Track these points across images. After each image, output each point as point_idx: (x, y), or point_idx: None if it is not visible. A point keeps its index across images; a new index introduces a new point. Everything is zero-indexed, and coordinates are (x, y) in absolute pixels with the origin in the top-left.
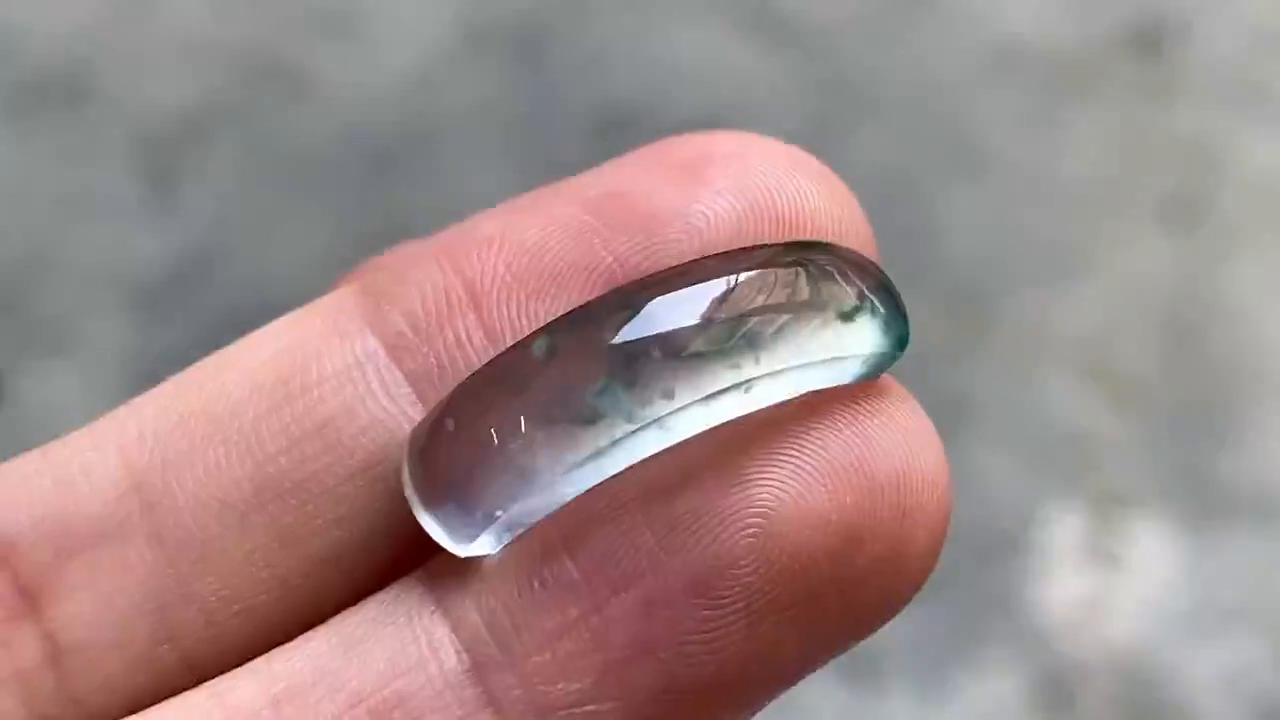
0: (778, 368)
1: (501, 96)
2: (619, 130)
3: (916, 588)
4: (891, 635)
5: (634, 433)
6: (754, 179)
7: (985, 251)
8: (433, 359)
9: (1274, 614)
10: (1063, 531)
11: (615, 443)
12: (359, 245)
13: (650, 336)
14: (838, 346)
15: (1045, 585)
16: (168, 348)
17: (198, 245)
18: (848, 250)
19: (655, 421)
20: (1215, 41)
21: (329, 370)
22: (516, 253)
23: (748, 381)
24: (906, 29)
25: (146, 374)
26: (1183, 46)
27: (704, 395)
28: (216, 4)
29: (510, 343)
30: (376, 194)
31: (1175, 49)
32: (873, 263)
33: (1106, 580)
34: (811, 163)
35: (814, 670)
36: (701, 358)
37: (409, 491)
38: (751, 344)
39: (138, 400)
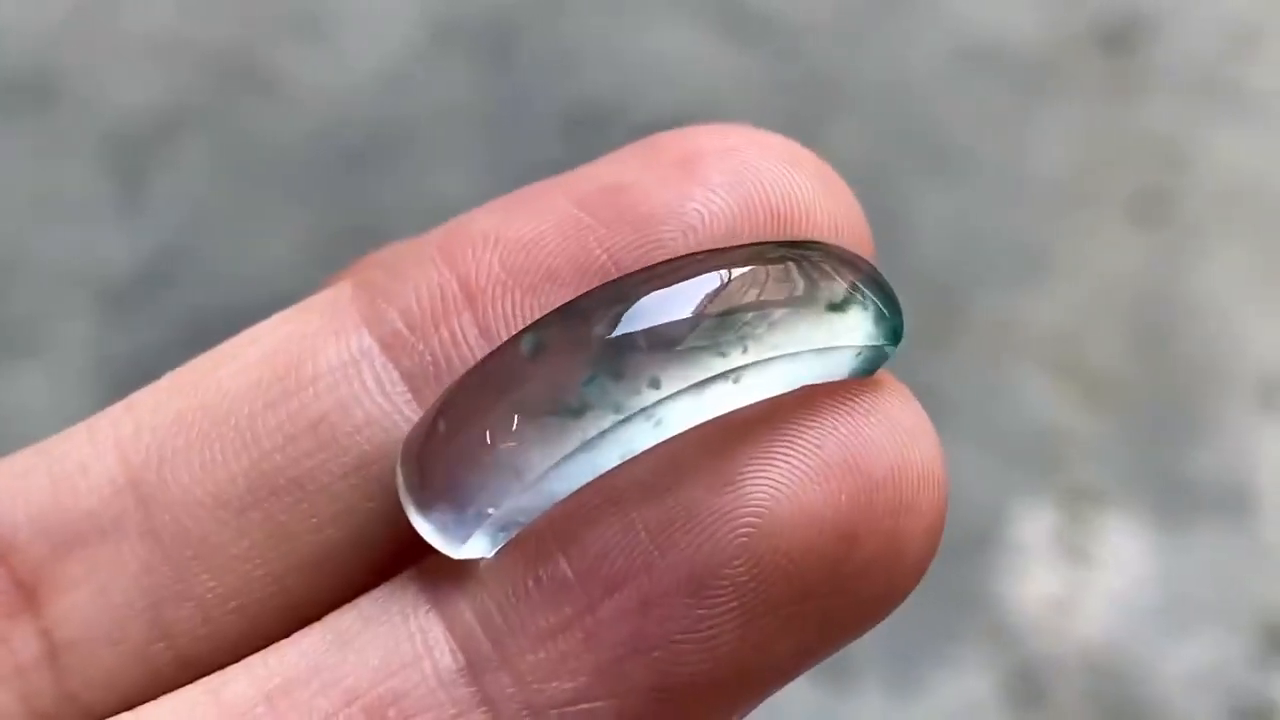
0: (766, 355)
1: (472, 95)
2: (590, 129)
3: (912, 585)
4: None
5: (622, 423)
6: (749, 174)
7: (955, 248)
8: (428, 357)
9: (1245, 609)
10: (1034, 528)
11: (603, 434)
12: (329, 245)
13: (638, 330)
14: (828, 336)
15: (1016, 581)
16: (137, 349)
17: (167, 246)
18: (838, 246)
19: (643, 412)
20: (1184, 39)
21: (324, 367)
22: (511, 250)
23: (736, 370)
24: (877, 27)
25: (116, 375)
26: (1152, 44)
27: (692, 384)
28: (185, 4)
29: (505, 339)
30: (347, 193)
31: (1145, 46)
32: (864, 258)
33: (1078, 576)
34: (807, 156)
35: (810, 668)
36: (688, 347)
37: (402, 494)
38: (739, 334)
39: (134, 396)
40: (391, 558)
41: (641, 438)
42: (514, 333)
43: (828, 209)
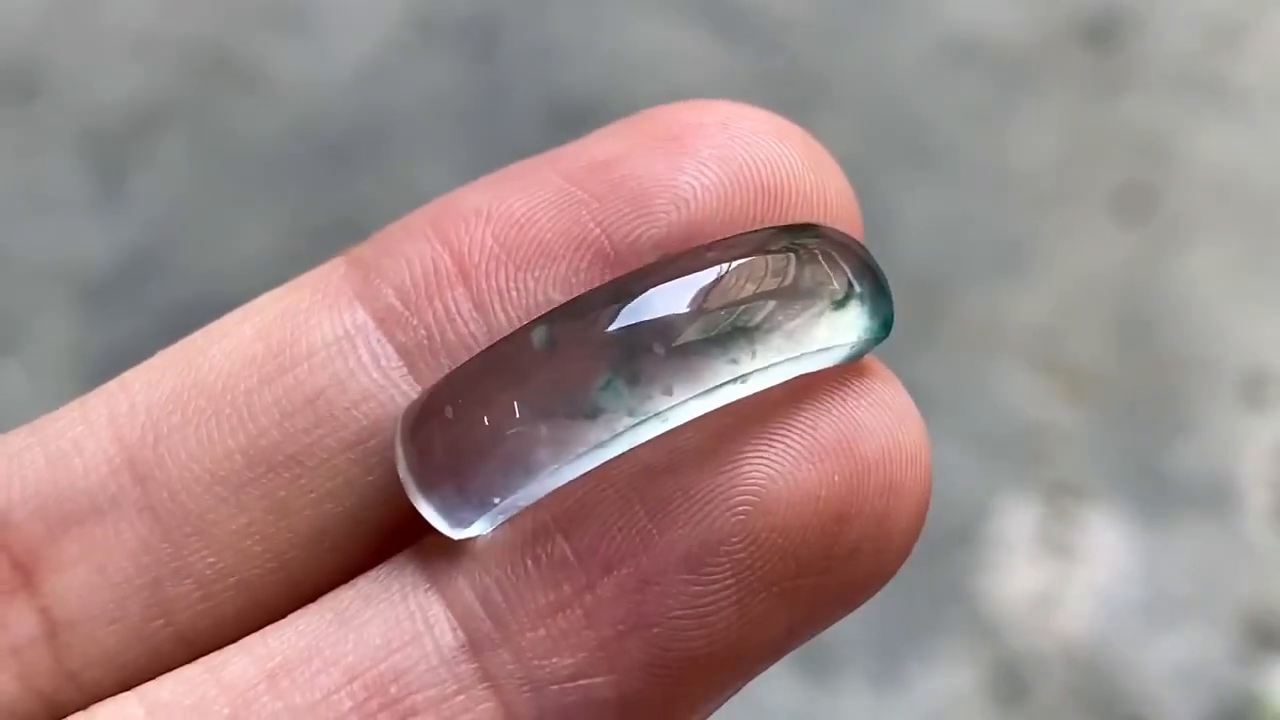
0: (774, 360)
1: (454, 89)
2: (573, 122)
3: (900, 562)
4: (846, 628)
5: (634, 426)
6: (738, 149)
7: (938, 244)
8: (423, 331)
9: (1226, 604)
10: (1016, 523)
11: (616, 435)
12: (311, 239)
13: (651, 330)
14: (830, 335)
15: (999, 577)
16: (116, 344)
17: (147, 240)
18: (834, 231)
19: (656, 415)
20: (1168, 33)
21: (319, 343)
22: (504, 225)
23: (744, 375)
24: (860, 22)
25: (95, 370)
26: (1135, 38)
27: (703, 390)
28: None
29: (499, 313)
30: (328, 188)
31: (1128, 41)
32: (858, 242)
33: (1060, 571)
34: (795, 131)
35: (804, 643)
36: (700, 353)
37: (403, 474)
38: (748, 336)
39: (127, 375)
40: (390, 532)
41: (649, 433)
42: (509, 307)
43: (816, 182)
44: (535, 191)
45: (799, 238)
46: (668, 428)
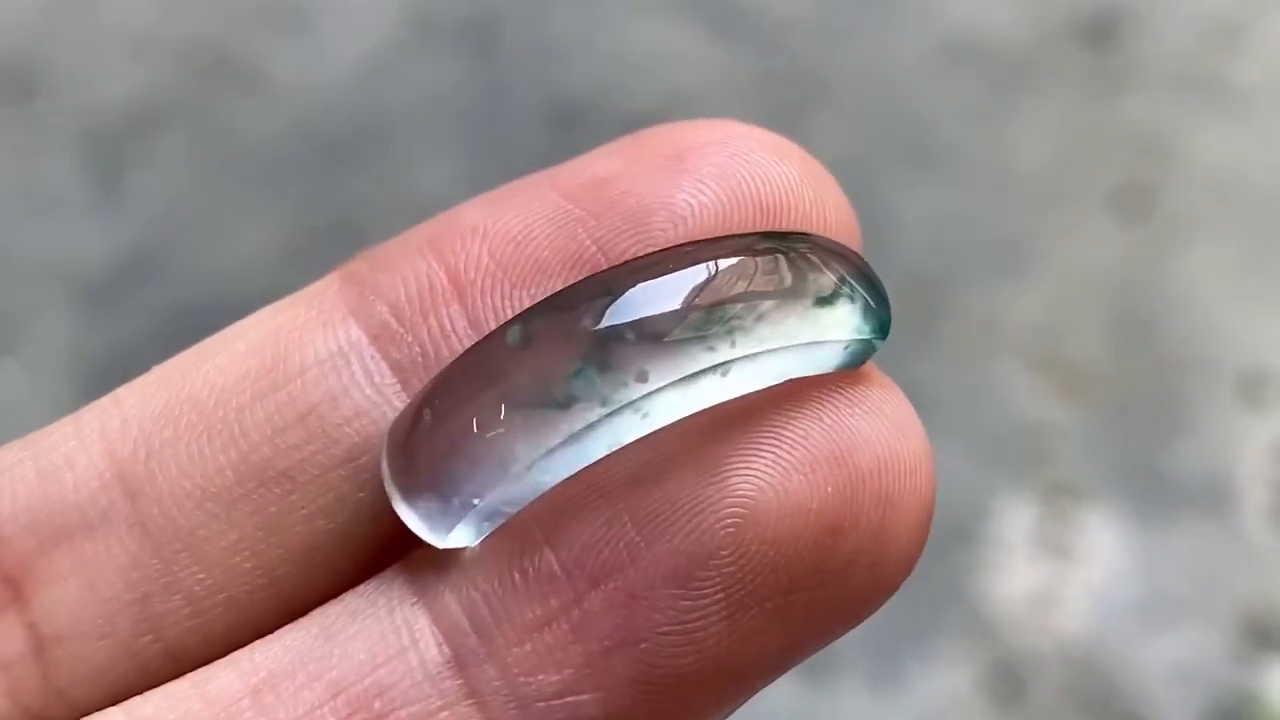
0: (754, 350)
1: (453, 89)
2: (571, 122)
3: (901, 577)
4: None
5: (609, 416)
6: (737, 166)
7: (936, 243)
8: (417, 348)
9: (1224, 603)
10: (1014, 523)
11: (590, 426)
12: (310, 239)
13: (626, 320)
14: (815, 330)
15: (997, 576)
16: (115, 344)
17: (145, 240)
18: (826, 238)
19: (630, 405)
20: (1167, 33)
21: (312, 359)
22: (500, 242)
23: (724, 364)
24: (859, 22)
25: (94, 370)
26: (1134, 39)
27: (679, 377)
28: None
29: None
30: (327, 188)
31: (1126, 41)
32: (853, 250)
33: (1058, 571)
34: (793, 149)
35: (800, 661)
36: (676, 339)
37: (388, 484)
38: (726, 325)
39: (121, 390)
40: (382, 548)
41: (629, 430)
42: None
43: (815, 201)
44: (533, 209)
45: (788, 241)
46: (648, 426)
